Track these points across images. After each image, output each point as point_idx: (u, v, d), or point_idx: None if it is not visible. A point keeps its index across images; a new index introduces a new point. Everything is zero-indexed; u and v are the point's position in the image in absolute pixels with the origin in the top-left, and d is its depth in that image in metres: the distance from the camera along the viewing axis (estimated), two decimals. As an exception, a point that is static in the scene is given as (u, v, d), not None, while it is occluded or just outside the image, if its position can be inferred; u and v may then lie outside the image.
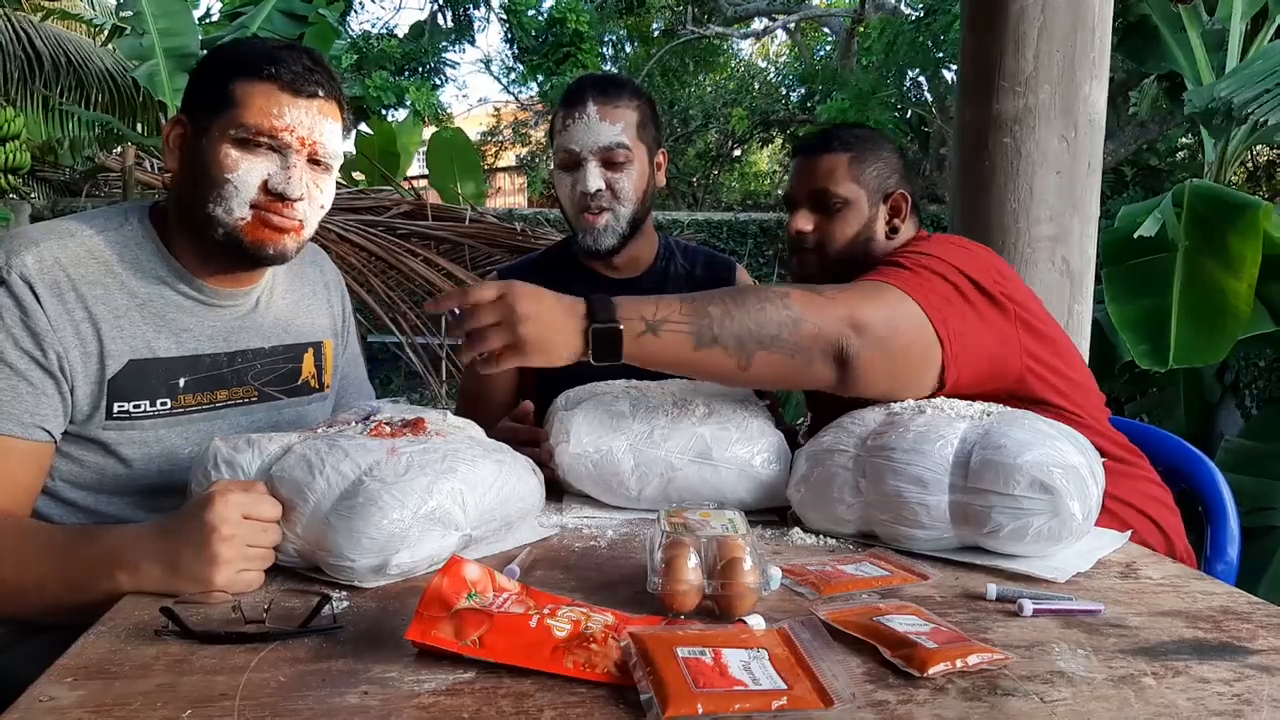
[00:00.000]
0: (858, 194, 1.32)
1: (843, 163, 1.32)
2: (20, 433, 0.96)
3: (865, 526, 1.01)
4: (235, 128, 1.01)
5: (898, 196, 1.34)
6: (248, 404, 1.14)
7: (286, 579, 0.85)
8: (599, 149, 1.43)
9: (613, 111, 1.43)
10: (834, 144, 1.34)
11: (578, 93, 1.45)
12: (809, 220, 1.33)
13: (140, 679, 0.64)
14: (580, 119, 1.43)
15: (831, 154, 1.33)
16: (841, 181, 1.31)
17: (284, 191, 1.03)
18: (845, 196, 1.31)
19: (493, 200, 15.24)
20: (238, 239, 1.04)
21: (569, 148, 1.43)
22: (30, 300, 0.97)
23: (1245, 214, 2.42)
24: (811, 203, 1.34)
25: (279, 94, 1.02)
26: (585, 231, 1.46)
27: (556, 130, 1.47)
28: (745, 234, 9.57)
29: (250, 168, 1.02)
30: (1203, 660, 0.70)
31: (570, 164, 1.45)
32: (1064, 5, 1.97)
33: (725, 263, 1.63)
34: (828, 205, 1.32)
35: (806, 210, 1.34)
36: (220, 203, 1.02)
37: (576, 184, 1.44)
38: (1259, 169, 10.16)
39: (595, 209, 1.44)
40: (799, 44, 15.43)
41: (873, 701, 0.62)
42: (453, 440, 0.94)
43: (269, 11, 4.84)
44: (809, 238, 1.34)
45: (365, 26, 14.78)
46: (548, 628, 0.68)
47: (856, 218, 1.32)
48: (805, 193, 1.34)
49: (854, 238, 1.32)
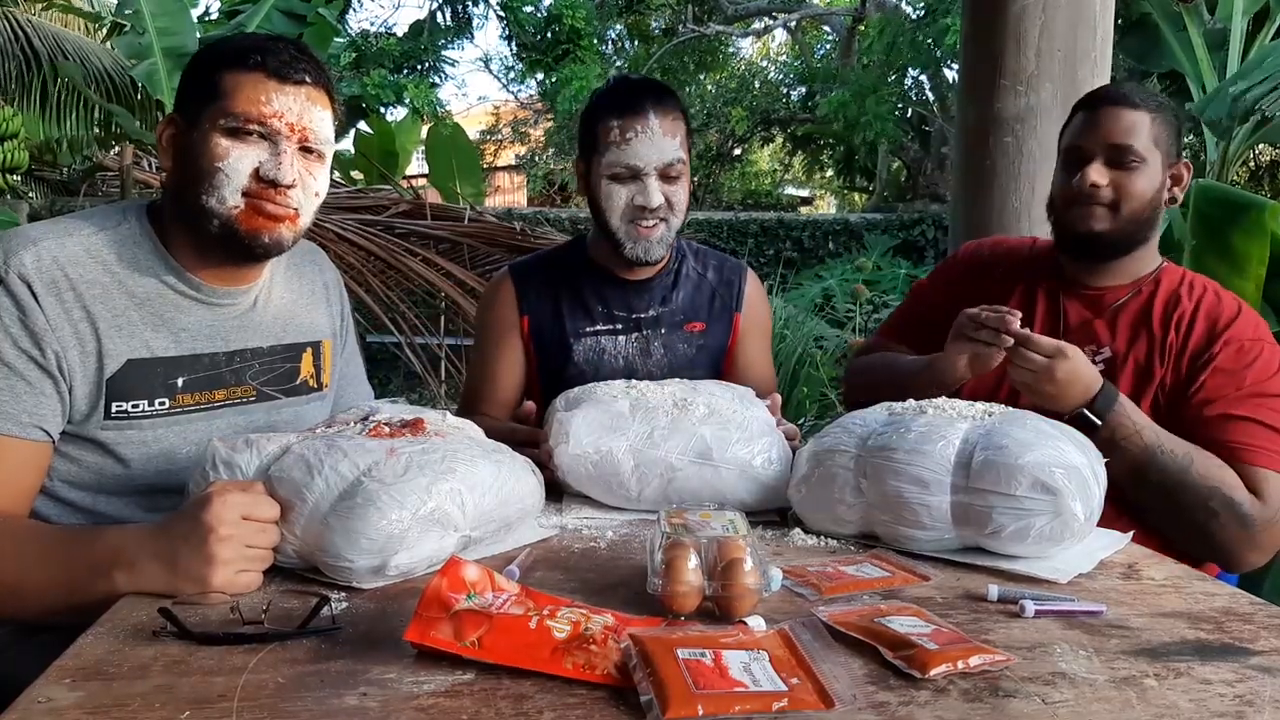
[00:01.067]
0: (1155, 155, 1.32)
1: (1146, 121, 1.31)
2: (18, 432, 0.96)
3: (866, 527, 1.00)
4: (224, 117, 1.01)
5: (1181, 166, 1.35)
6: (246, 403, 1.14)
7: (285, 580, 0.85)
8: (663, 164, 1.39)
9: (672, 125, 1.40)
10: (1136, 101, 1.32)
11: (634, 102, 1.39)
12: (1104, 174, 1.32)
13: (138, 680, 0.64)
14: (644, 133, 1.38)
15: (1135, 110, 1.32)
16: (1143, 139, 1.31)
17: (276, 178, 1.03)
18: (1144, 155, 1.31)
19: (492, 199, 15.24)
20: (232, 228, 1.03)
21: (631, 163, 1.38)
22: (28, 300, 0.97)
23: (1251, 213, 2.42)
24: (1109, 156, 1.32)
25: (266, 81, 1.02)
26: (636, 242, 1.42)
27: (608, 140, 1.39)
28: (745, 234, 9.57)
29: (241, 155, 1.02)
30: (1205, 661, 0.70)
31: (628, 177, 1.40)
32: (1065, 4, 1.97)
33: (735, 266, 1.63)
34: (1126, 161, 1.31)
35: (1101, 164, 1.32)
36: (213, 193, 1.02)
37: (635, 197, 1.39)
38: (1261, 168, 10.15)
39: (653, 220, 1.41)
40: (799, 43, 15.44)
41: (874, 703, 0.62)
42: (452, 441, 0.94)
43: (268, 10, 4.84)
44: (1103, 193, 1.32)
45: (364, 25, 14.78)
46: (547, 629, 0.68)
47: (1150, 179, 1.32)
48: (1104, 145, 1.32)
49: (1151, 199, 1.32)
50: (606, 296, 1.53)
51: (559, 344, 1.52)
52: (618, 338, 1.52)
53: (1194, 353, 1.29)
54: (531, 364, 1.56)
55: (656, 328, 1.53)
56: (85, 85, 5.65)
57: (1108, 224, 1.33)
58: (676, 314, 1.54)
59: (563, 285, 1.54)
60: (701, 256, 1.61)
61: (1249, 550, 1.20)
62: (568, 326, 1.51)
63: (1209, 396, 1.26)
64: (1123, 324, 1.36)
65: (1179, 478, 1.19)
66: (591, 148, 1.44)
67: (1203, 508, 1.18)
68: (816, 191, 19.18)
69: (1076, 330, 1.39)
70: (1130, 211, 1.32)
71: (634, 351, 1.52)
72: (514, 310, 1.53)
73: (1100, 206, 1.33)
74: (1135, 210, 1.32)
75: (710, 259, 1.62)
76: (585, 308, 1.52)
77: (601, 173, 1.41)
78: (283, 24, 4.78)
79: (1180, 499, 1.20)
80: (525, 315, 1.53)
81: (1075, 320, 1.40)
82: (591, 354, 1.51)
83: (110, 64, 6.11)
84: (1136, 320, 1.35)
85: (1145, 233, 1.34)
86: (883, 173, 14.06)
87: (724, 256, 1.65)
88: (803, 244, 9.71)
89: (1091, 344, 1.36)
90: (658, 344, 1.52)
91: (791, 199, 17.43)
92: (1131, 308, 1.37)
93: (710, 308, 1.56)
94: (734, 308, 1.58)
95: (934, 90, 12.42)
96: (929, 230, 9.62)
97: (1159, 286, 1.37)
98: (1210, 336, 1.29)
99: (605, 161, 1.40)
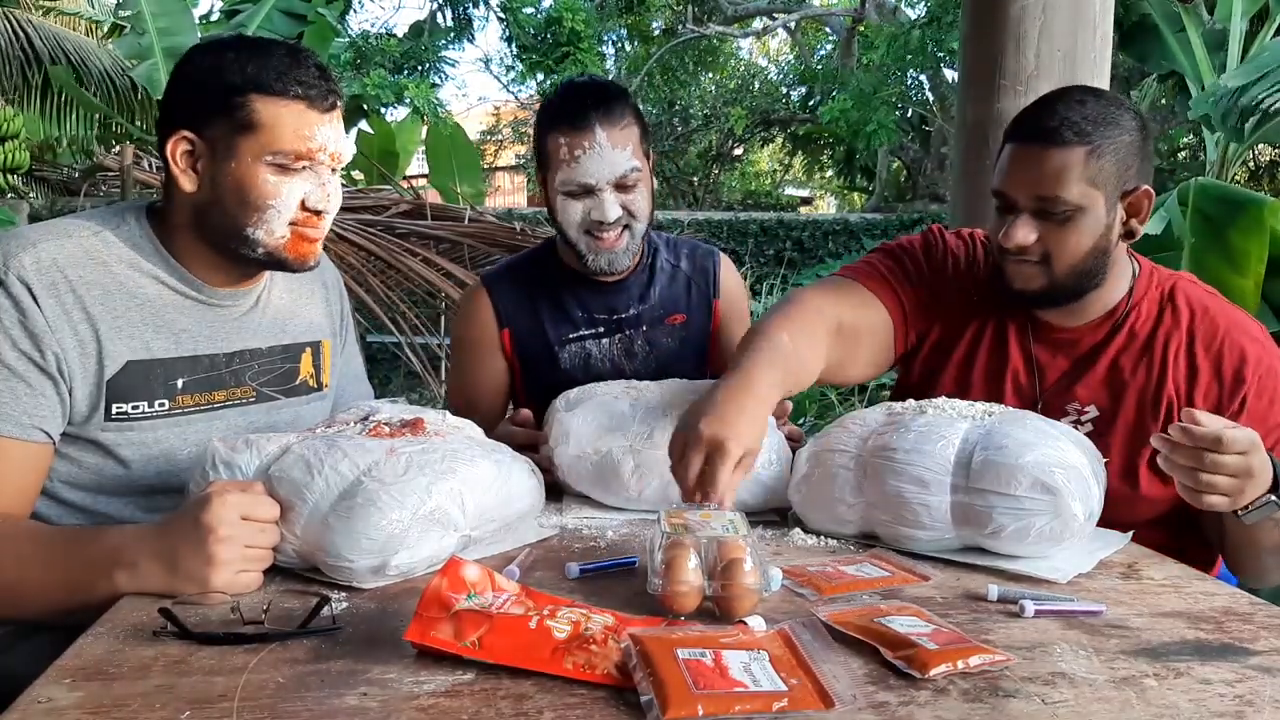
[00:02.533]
0: (1093, 198, 1.09)
1: (1080, 158, 1.08)
2: (19, 434, 0.96)
3: (866, 527, 1.00)
4: (271, 153, 1.01)
5: (1140, 195, 1.12)
6: (245, 404, 1.14)
7: (285, 580, 0.85)
8: (615, 177, 1.35)
9: (620, 134, 1.34)
10: (1066, 134, 1.08)
11: (578, 115, 1.33)
12: (1031, 230, 1.11)
13: (139, 680, 0.64)
14: (591, 150, 1.33)
15: (1063, 147, 1.08)
16: (1074, 184, 1.08)
17: (325, 209, 1.07)
18: (1079, 204, 1.09)
19: (492, 199, 15.24)
20: (281, 256, 1.06)
21: (583, 181, 1.34)
22: (28, 301, 0.97)
23: (1251, 211, 2.42)
24: (1036, 208, 1.11)
25: (306, 113, 1.03)
26: (598, 254, 1.39)
27: (558, 158, 1.35)
28: (745, 234, 9.58)
29: (290, 190, 1.04)
30: (1204, 661, 0.70)
31: (581, 193, 1.36)
32: (1065, 4, 1.97)
33: (707, 251, 1.61)
34: (1056, 213, 1.10)
35: (1029, 218, 1.11)
36: (261, 225, 1.04)
37: (591, 211, 1.36)
38: (1261, 168, 10.16)
39: (613, 232, 1.38)
40: (799, 43, 15.43)
41: (874, 703, 0.62)
42: (452, 440, 0.94)
43: (268, 11, 4.83)
44: (1031, 249, 1.12)
45: (364, 26, 14.77)
46: (547, 629, 0.68)
47: (1091, 227, 1.10)
48: (1028, 196, 1.11)
49: (1089, 251, 1.11)
50: (585, 300, 1.50)
51: (544, 353, 1.50)
52: (602, 340, 1.51)
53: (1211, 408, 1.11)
54: (516, 375, 1.54)
55: (639, 325, 1.51)
56: (79, 89, 5.65)
57: (1042, 281, 1.14)
58: (656, 309, 1.53)
59: (540, 293, 1.51)
60: (673, 247, 1.59)
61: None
62: (550, 335, 1.49)
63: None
64: (1100, 374, 1.19)
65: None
66: (544, 164, 1.41)
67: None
68: (816, 191, 19.19)
69: (1054, 387, 1.21)
70: (1066, 268, 1.12)
71: (619, 352, 1.51)
72: (493, 324, 1.50)
73: (1030, 265, 1.14)
74: (1072, 265, 1.12)
75: (682, 248, 1.60)
76: (566, 314, 1.50)
77: (556, 189, 1.38)
78: (283, 24, 4.77)
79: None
80: (506, 328, 1.50)
81: (1052, 376, 1.22)
82: (578, 359, 1.50)
83: (111, 64, 6.11)
84: (1117, 370, 1.18)
85: (1093, 280, 1.15)
86: (882, 173, 14.07)
87: (694, 243, 1.62)
88: (803, 244, 9.72)
89: (1073, 403, 1.20)
90: (641, 341, 1.51)
91: (791, 199, 17.43)
92: (1109, 352, 1.19)
93: (688, 298, 1.55)
94: (712, 295, 1.57)
95: (934, 90, 12.42)
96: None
97: (1139, 318, 1.19)
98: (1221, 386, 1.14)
99: (558, 179, 1.37)
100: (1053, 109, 1.11)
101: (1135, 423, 1.16)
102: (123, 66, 5.85)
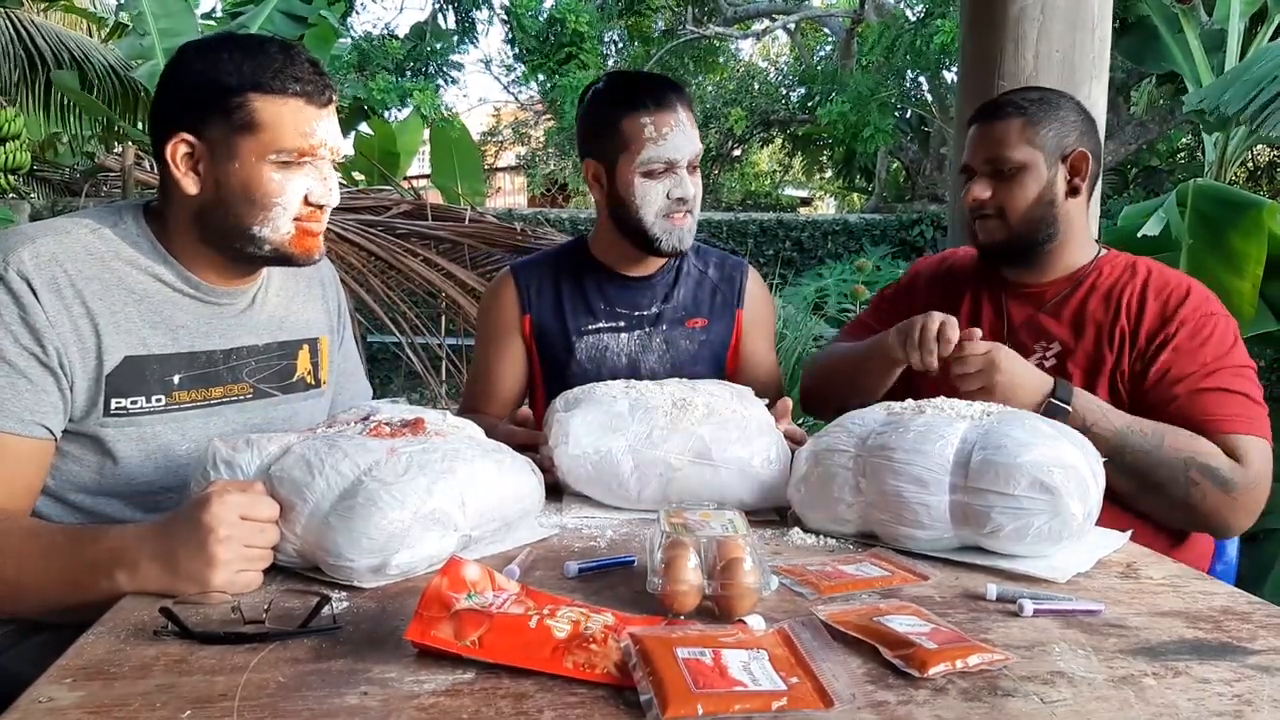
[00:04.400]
0: (1034, 157, 1.33)
1: (1016, 126, 1.34)
2: (20, 430, 0.96)
3: (865, 526, 1.01)
4: (274, 152, 1.02)
5: (1077, 155, 1.35)
6: (243, 400, 1.14)
7: (286, 579, 0.85)
8: (695, 155, 1.44)
9: (692, 117, 1.45)
10: (1008, 109, 1.36)
11: (662, 97, 1.42)
12: (986, 187, 1.36)
13: (140, 679, 0.64)
14: (678, 127, 1.41)
15: (1004, 120, 1.35)
16: (1016, 146, 1.33)
17: (328, 202, 1.08)
18: (1021, 161, 1.33)
19: (493, 200, 15.25)
20: (287, 252, 1.08)
21: (671, 157, 1.41)
22: (28, 297, 0.97)
23: (1249, 213, 2.42)
24: (988, 170, 1.36)
25: (305, 109, 1.03)
26: (671, 234, 1.44)
27: (642, 138, 1.40)
28: (745, 234, 9.58)
29: (294, 187, 1.05)
30: (1203, 661, 0.70)
31: (663, 172, 1.42)
32: (1063, 6, 1.97)
33: (736, 263, 1.64)
34: (1004, 171, 1.34)
35: (983, 178, 1.36)
36: (268, 223, 1.05)
37: (671, 190, 1.42)
38: (1259, 169, 10.16)
39: (686, 211, 1.45)
40: (799, 44, 15.44)
41: (873, 702, 0.62)
42: (452, 440, 0.94)
43: (269, 12, 4.83)
44: (988, 205, 1.36)
45: (367, 28, 14.77)
46: (547, 628, 0.68)
47: (1035, 181, 1.34)
48: (981, 160, 1.37)
49: (1034, 201, 1.34)
50: (609, 294, 1.54)
51: (561, 342, 1.52)
52: (620, 335, 1.53)
53: (1149, 334, 1.31)
54: (534, 363, 1.56)
55: (658, 325, 1.53)
56: (84, 95, 5.65)
57: (1002, 233, 1.37)
58: (678, 310, 1.55)
59: (565, 283, 1.55)
60: (702, 254, 1.62)
61: (1233, 514, 1.22)
62: (570, 324, 1.52)
63: (1175, 376, 1.28)
64: (1066, 316, 1.38)
65: (1155, 454, 1.21)
66: (617, 147, 1.44)
67: (1182, 478, 1.20)
68: (816, 192, 19.19)
69: (1022, 329, 1.41)
70: (1019, 217, 1.35)
71: (636, 349, 1.53)
72: (516, 310, 1.54)
73: (990, 219, 1.37)
74: (1024, 214, 1.35)
75: (711, 256, 1.63)
76: (587, 305, 1.53)
77: (635, 170, 1.42)
78: (285, 25, 4.77)
79: (1159, 474, 1.21)
80: (527, 314, 1.54)
81: (1020, 319, 1.42)
82: (594, 351, 1.52)
83: (113, 64, 6.10)
84: (1081, 311, 1.37)
85: (1047, 230, 1.36)
86: (882, 173, 14.07)
87: (724, 254, 1.66)
88: (802, 244, 9.73)
89: (1040, 340, 1.38)
90: (660, 341, 1.53)
91: (791, 199, 17.44)
92: (1074, 300, 1.38)
93: (712, 304, 1.57)
94: (736, 304, 1.58)
95: (932, 91, 12.42)
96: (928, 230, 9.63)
97: (1101, 275, 1.38)
98: (1164, 318, 1.31)
99: (641, 159, 1.41)
100: (999, 98, 1.40)
101: (1094, 353, 1.34)
102: (126, 66, 5.85)
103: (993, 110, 1.38)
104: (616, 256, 1.53)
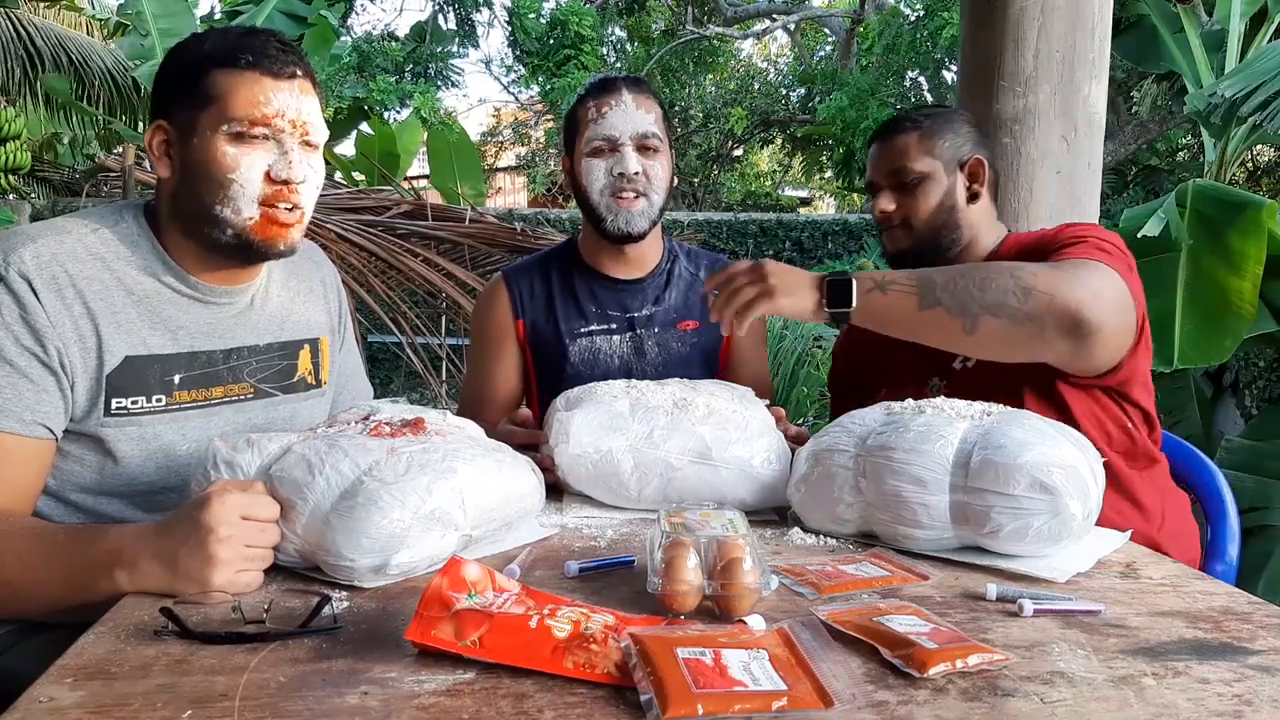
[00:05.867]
0: (933, 166, 1.39)
1: (914, 139, 1.40)
2: (21, 430, 0.96)
3: (865, 526, 1.01)
4: (227, 122, 1.01)
5: (974, 162, 1.41)
6: (243, 400, 1.14)
7: (286, 579, 0.85)
8: (637, 135, 1.46)
9: (646, 102, 1.48)
10: (904, 125, 1.42)
11: (607, 84, 1.48)
12: (891, 200, 1.41)
13: (140, 679, 0.64)
14: (617, 106, 1.45)
15: (902, 134, 1.41)
16: (915, 157, 1.39)
17: (289, 177, 1.04)
18: (922, 171, 1.39)
19: (493, 200, 15.24)
20: (247, 239, 1.05)
21: (607, 134, 1.45)
22: (29, 297, 0.97)
23: (1248, 213, 2.42)
24: (890, 183, 1.41)
25: (261, 80, 1.02)
26: (617, 214, 1.46)
27: (586, 121, 1.47)
28: (745, 234, 9.57)
29: (251, 162, 1.02)
30: (1203, 660, 0.70)
31: (605, 150, 1.46)
32: (1063, 5, 1.97)
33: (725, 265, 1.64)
34: (905, 182, 1.39)
35: (888, 191, 1.42)
36: (228, 204, 1.03)
37: (613, 167, 1.45)
38: (1260, 169, 10.16)
39: (632, 192, 1.46)
40: (799, 44, 15.43)
41: (873, 702, 0.62)
42: (452, 440, 0.94)
43: (269, 12, 4.84)
44: (894, 216, 1.41)
45: (366, 29, 14.77)
46: (548, 628, 0.68)
47: (936, 189, 1.39)
48: (884, 174, 1.42)
49: (937, 208, 1.39)
50: (600, 297, 1.55)
51: (555, 345, 1.53)
52: (612, 337, 1.53)
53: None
54: (529, 366, 1.57)
55: (650, 327, 1.54)
56: (76, 101, 5.65)
57: (907, 241, 1.42)
58: (670, 313, 1.56)
59: (557, 286, 1.56)
60: (694, 257, 1.64)
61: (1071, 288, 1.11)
62: (562, 327, 1.53)
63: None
64: None
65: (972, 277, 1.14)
66: (573, 136, 1.50)
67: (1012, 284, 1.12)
68: (815, 192, 19.18)
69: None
70: (923, 224, 1.40)
71: (629, 351, 1.53)
72: (509, 314, 1.55)
73: (896, 229, 1.42)
74: (927, 221, 1.40)
75: (702, 259, 1.64)
76: (579, 308, 1.54)
77: (582, 152, 1.47)
78: (285, 26, 4.77)
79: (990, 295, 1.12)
80: (521, 319, 1.55)
81: None
82: (587, 354, 1.52)
83: (113, 64, 6.11)
84: None
85: (950, 235, 1.40)
86: (882, 173, 14.03)
87: (716, 257, 1.68)
88: (802, 244, 9.72)
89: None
90: (652, 343, 1.54)
91: (790, 200, 17.42)
92: None
93: (703, 307, 1.57)
94: None
95: (932, 91, 12.42)
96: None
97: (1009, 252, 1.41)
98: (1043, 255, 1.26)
99: (585, 139, 1.47)
100: (895, 117, 1.46)
101: None
102: (125, 66, 5.85)
103: (891, 127, 1.44)
104: (599, 255, 1.55)
